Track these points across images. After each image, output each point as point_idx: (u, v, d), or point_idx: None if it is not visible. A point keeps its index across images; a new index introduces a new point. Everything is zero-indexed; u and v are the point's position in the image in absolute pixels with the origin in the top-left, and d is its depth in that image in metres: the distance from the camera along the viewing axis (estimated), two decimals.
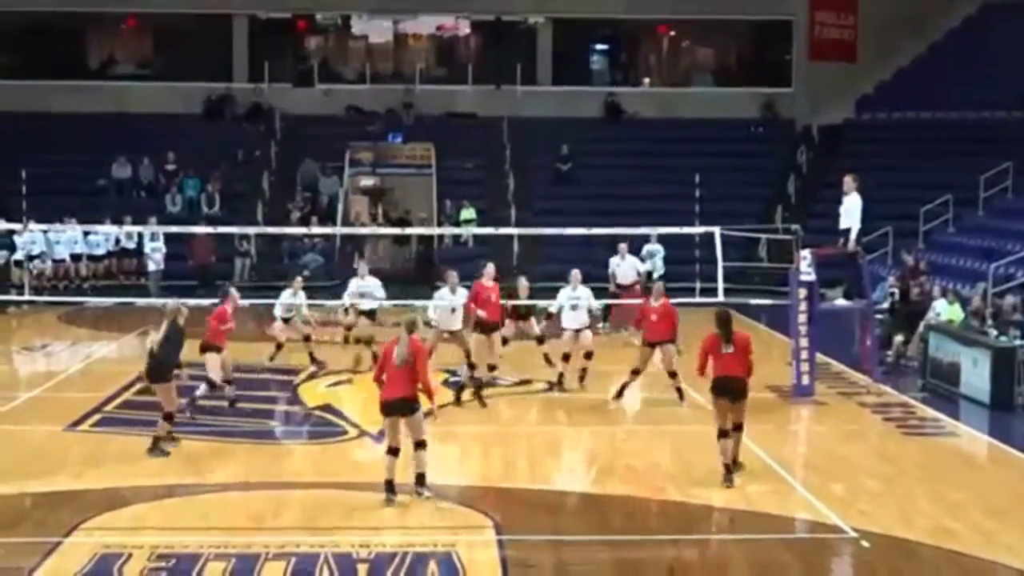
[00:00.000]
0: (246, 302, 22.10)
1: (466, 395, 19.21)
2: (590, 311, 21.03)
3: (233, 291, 19.45)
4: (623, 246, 26.88)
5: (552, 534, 12.74)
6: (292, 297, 22.57)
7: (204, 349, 18.52)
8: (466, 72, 43.79)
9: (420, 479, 13.94)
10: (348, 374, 21.52)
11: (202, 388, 18.40)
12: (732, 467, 14.69)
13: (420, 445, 13.95)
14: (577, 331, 20.61)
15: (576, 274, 21.13)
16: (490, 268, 20.53)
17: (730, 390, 14.90)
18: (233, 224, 32.80)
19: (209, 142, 40.14)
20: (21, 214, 32.53)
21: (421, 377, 13.83)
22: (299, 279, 23.35)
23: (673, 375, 19.36)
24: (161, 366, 16.04)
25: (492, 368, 20.19)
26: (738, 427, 15.04)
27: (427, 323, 20.56)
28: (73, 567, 11.49)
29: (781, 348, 22.67)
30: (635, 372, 19.51)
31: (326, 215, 37.74)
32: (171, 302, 17.10)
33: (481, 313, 19.65)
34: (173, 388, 16.22)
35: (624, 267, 26.89)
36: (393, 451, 13.86)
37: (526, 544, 12.37)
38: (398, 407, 13.77)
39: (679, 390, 19.21)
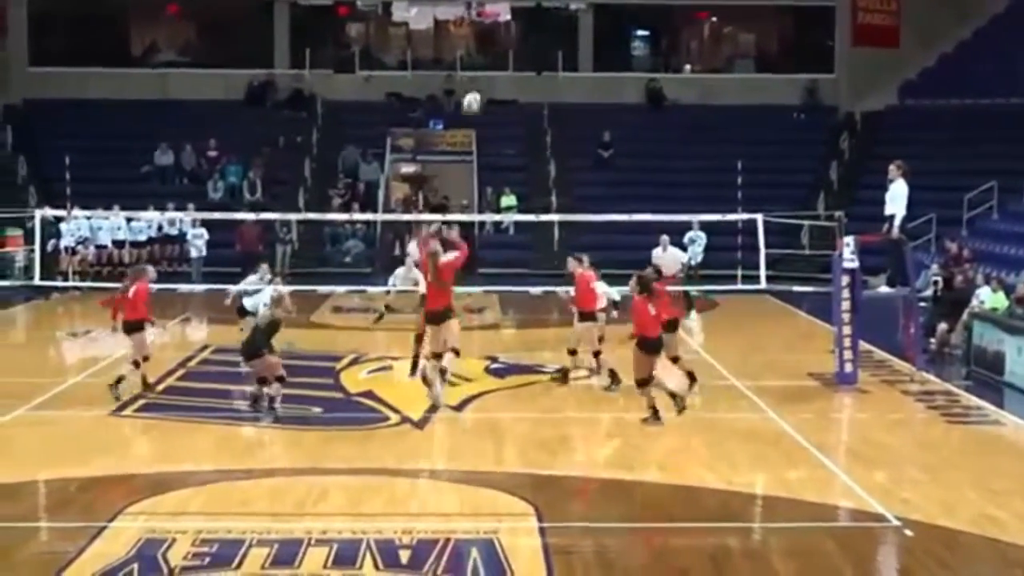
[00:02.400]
0: (288, 288, 22.22)
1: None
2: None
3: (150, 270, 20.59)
4: (665, 238, 26.82)
5: (593, 521, 12.72)
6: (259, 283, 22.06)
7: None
8: (507, 58, 43.79)
9: (443, 373, 17.09)
10: (389, 360, 21.57)
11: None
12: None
13: (450, 352, 17.08)
14: None
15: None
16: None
17: (657, 347, 16.97)
18: (274, 211, 32.95)
19: (251, 128, 40.33)
20: (65, 201, 32.77)
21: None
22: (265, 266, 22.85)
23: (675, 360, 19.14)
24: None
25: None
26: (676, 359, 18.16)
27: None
28: (118, 552, 11.55)
29: (823, 336, 22.61)
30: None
31: (367, 202, 37.83)
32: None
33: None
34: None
35: (666, 259, 26.79)
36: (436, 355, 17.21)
37: (568, 531, 12.36)
38: (434, 316, 17.30)
39: (690, 374, 19.00)
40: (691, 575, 11.24)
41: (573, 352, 19.81)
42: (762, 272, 22.37)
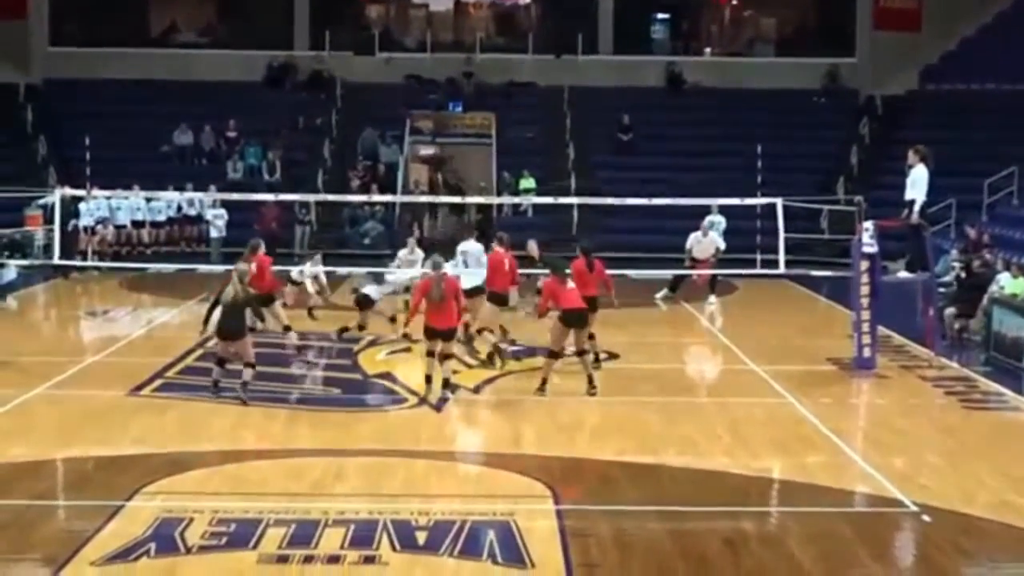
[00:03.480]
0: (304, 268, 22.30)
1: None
2: None
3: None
4: (705, 223, 26.79)
5: (610, 504, 12.72)
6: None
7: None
8: (527, 41, 43.71)
9: (446, 383, 17.37)
10: (407, 342, 21.58)
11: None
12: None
13: (448, 357, 17.51)
14: None
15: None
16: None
17: (582, 319, 17.80)
18: (293, 192, 32.97)
19: (270, 110, 40.35)
20: (85, 180, 32.83)
21: (458, 305, 17.70)
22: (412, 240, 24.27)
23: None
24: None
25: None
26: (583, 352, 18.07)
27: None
28: (135, 531, 11.58)
29: (842, 320, 22.55)
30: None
31: (386, 183, 37.82)
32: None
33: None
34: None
35: (705, 244, 26.76)
36: (431, 354, 17.47)
37: (584, 514, 12.36)
38: (440, 334, 17.35)
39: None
40: (708, 559, 11.22)
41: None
42: (781, 256, 22.27)
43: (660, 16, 45.82)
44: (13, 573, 10.85)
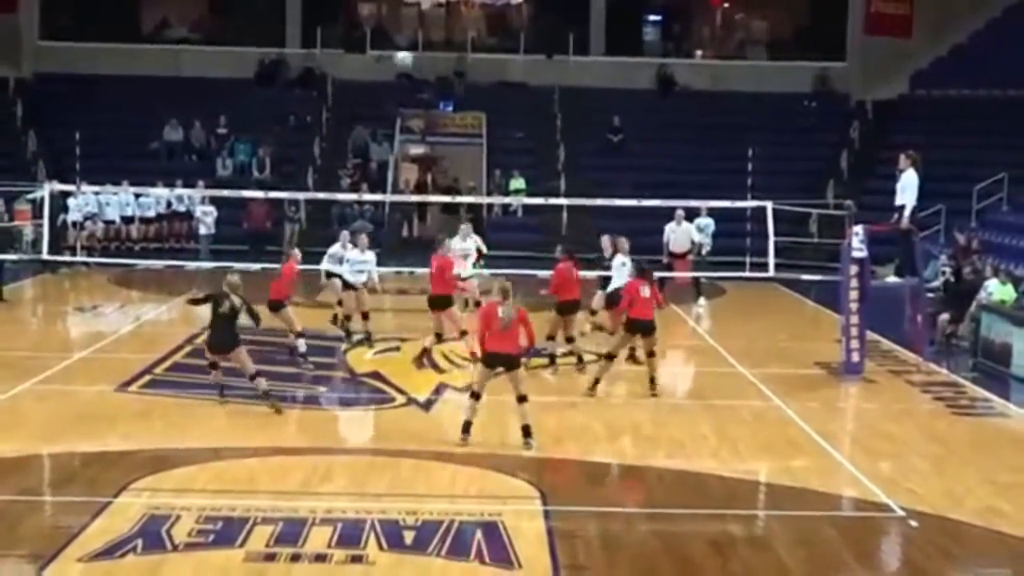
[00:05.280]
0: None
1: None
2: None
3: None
4: (680, 212, 26.75)
5: (598, 505, 12.74)
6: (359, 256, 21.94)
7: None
8: (518, 41, 43.69)
9: (526, 430, 14.85)
10: (396, 341, 21.57)
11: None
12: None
13: (523, 399, 14.95)
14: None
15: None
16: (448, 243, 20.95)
17: (650, 328, 17.77)
18: (283, 189, 32.93)
19: (260, 107, 40.30)
20: (74, 175, 32.76)
21: (528, 332, 15.44)
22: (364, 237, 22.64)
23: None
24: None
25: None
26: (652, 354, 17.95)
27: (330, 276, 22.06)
28: (122, 527, 11.57)
29: (830, 325, 22.58)
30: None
31: (376, 182, 37.78)
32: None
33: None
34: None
35: (679, 233, 26.74)
36: (476, 396, 14.98)
37: (572, 515, 12.37)
38: (504, 361, 14.95)
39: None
40: (694, 561, 11.24)
41: (551, 337, 19.74)
42: (771, 260, 22.32)
43: (652, 18, 45.83)
44: None
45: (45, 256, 26.11)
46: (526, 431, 14.82)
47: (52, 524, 12.10)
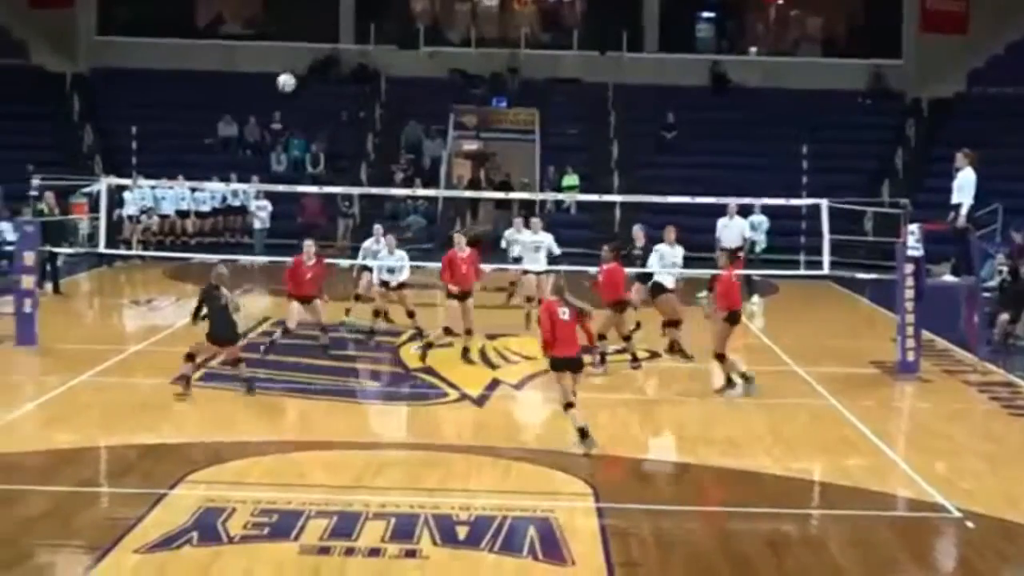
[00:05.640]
0: (347, 263, 22.28)
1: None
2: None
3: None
4: (732, 206, 26.67)
5: (651, 503, 12.71)
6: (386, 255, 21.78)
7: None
8: (571, 37, 43.65)
9: (583, 432, 14.48)
10: (450, 337, 21.58)
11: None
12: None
13: (570, 406, 14.61)
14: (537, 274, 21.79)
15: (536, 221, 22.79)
16: (461, 238, 20.66)
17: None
18: (337, 184, 33.06)
19: (314, 102, 40.41)
20: (130, 170, 32.99)
21: (587, 331, 15.30)
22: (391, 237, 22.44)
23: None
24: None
25: (468, 332, 19.96)
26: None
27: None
28: (177, 519, 11.64)
29: (885, 324, 22.44)
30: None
31: (429, 178, 37.86)
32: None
33: (453, 288, 19.84)
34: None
35: (731, 228, 26.66)
36: (571, 405, 14.56)
37: (626, 512, 12.34)
38: (569, 364, 14.67)
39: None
40: (750, 561, 11.18)
41: (603, 337, 19.60)
42: (825, 258, 22.12)
43: (705, 15, 45.69)
44: (57, 560, 10.93)
45: (101, 250, 26.26)
46: (583, 433, 14.48)
47: (109, 515, 12.20)
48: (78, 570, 10.55)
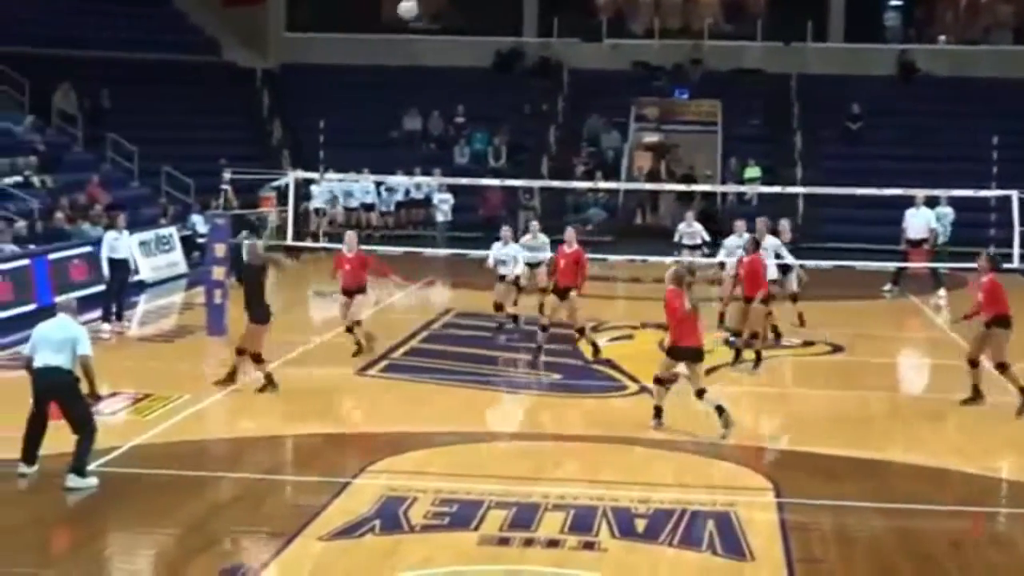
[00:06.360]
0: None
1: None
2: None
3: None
4: (920, 197, 26.19)
5: (832, 499, 12.54)
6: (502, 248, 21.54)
7: None
8: (755, 28, 43.21)
9: (720, 410, 14.56)
10: (628, 329, 21.58)
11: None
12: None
13: (701, 393, 14.73)
14: None
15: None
16: (569, 232, 20.32)
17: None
18: (518, 177, 33.21)
19: (497, 96, 40.67)
20: (317, 163, 33.61)
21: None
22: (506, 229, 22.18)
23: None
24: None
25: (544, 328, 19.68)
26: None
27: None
28: (360, 508, 11.85)
29: None
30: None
31: (610, 170, 37.83)
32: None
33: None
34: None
35: (918, 218, 26.19)
36: (661, 381, 15.01)
37: (806, 508, 12.23)
38: (689, 354, 14.70)
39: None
40: (934, 559, 10.98)
41: (738, 334, 19.28)
42: (1015, 250, 21.57)
43: (893, 3, 44.82)
44: (244, 544, 11.21)
45: (289, 242, 26.80)
46: (720, 410, 14.53)
47: (294, 503, 12.49)
48: (265, 556, 10.80)
